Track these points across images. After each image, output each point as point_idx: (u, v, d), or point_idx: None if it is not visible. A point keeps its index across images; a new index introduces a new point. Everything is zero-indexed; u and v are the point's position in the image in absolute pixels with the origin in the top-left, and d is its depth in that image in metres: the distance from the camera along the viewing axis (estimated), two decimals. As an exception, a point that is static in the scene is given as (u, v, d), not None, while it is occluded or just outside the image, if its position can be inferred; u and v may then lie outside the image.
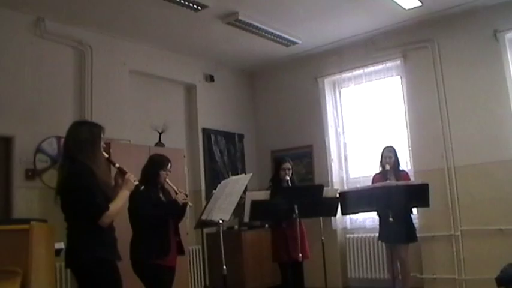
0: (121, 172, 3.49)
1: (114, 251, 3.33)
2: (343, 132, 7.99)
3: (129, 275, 4.30)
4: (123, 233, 4.48)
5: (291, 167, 5.72)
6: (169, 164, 4.66)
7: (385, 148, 6.09)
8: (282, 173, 5.67)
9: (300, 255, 5.21)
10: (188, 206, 4.69)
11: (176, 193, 4.57)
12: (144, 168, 4.54)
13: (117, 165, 3.50)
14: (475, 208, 6.41)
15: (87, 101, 6.36)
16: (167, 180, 4.63)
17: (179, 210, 4.61)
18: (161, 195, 4.60)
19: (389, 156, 5.97)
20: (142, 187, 3.69)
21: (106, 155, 3.46)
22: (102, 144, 3.43)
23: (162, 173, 4.58)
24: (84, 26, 6.40)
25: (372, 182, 6.06)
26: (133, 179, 3.48)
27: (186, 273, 6.58)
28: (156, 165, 4.60)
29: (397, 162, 6.03)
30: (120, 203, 3.34)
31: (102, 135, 3.42)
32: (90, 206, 3.12)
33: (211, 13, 6.29)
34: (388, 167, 5.86)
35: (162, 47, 7.37)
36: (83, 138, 3.29)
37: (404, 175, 6.05)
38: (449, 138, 6.73)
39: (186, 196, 4.64)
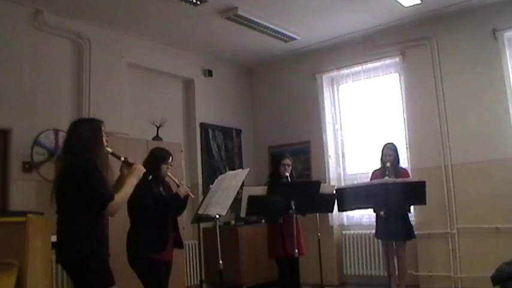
0: (127, 164, 3.50)
1: (105, 247, 3.34)
2: (341, 129, 7.99)
3: (125, 268, 4.31)
4: (122, 226, 4.52)
5: (290, 163, 5.73)
6: (171, 158, 4.65)
7: (385, 145, 6.09)
8: (281, 169, 5.68)
9: (296, 251, 5.22)
10: (190, 198, 4.67)
11: (178, 186, 4.56)
12: (145, 162, 4.52)
13: (122, 158, 3.50)
14: (472, 206, 6.43)
15: (85, 94, 6.35)
16: (168, 173, 4.61)
17: (180, 203, 4.60)
18: (161, 189, 4.59)
19: (389, 154, 5.96)
20: (150, 176, 3.69)
21: (110, 150, 3.46)
22: (105, 137, 3.43)
23: (163, 166, 4.56)
24: (82, 19, 6.38)
25: (371, 178, 6.08)
26: (143, 169, 3.51)
27: (182, 267, 6.58)
28: (157, 159, 4.58)
29: (396, 160, 6.03)
30: (126, 191, 3.36)
31: (102, 128, 3.42)
32: (94, 197, 3.13)
33: (210, 8, 6.28)
34: (388, 164, 5.86)
35: (160, 41, 7.35)
36: (85, 136, 3.29)
37: (403, 172, 6.05)
38: (446, 136, 6.74)
39: (188, 188, 4.62)
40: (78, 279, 3.22)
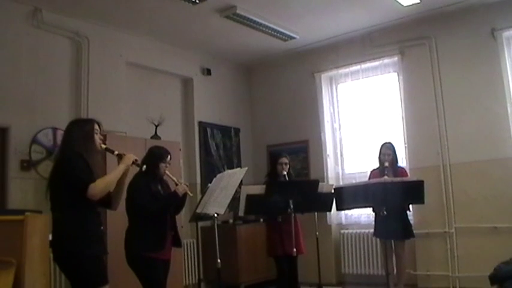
0: (121, 157, 3.53)
1: (100, 245, 3.35)
2: (340, 128, 7.98)
3: (123, 267, 4.32)
4: (120, 224, 4.51)
5: (288, 162, 5.71)
6: (169, 157, 4.63)
7: (383, 144, 6.09)
8: (279, 168, 5.67)
9: (294, 250, 5.22)
10: (188, 196, 4.67)
11: (176, 184, 4.55)
12: (143, 160, 4.53)
13: (116, 152, 3.54)
14: (470, 206, 6.44)
15: (83, 92, 6.34)
16: (167, 172, 4.60)
17: (178, 202, 4.60)
18: (160, 187, 4.59)
19: (387, 153, 5.97)
20: (144, 166, 3.70)
21: (104, 146, 3.50)
22: (99, 137, 3.46)
23: (162, 165, 4.55)
24: (81, 17, 6.37)
25: (369, 178, 6.09)
26: (133, 157, 3.56)
27: (180, 266, 6.58)
28: (155, 157, 4.57)
29: (395, 159, 6.04)
30: (112, 176, 3.43)
31: (97, 129, 3.46)
32: (75, 182, 3.21)
33: (209, 6, 6.27)
34: (387, 164, 5.87)
35: (159, 39, 7.34)
36: (75, 135, 3.40)
37: (402, 172, 6.07)
38: (445, 135, 6.74)
39: (187, 186, 4.62)
40: (70, 276, 3.24)
